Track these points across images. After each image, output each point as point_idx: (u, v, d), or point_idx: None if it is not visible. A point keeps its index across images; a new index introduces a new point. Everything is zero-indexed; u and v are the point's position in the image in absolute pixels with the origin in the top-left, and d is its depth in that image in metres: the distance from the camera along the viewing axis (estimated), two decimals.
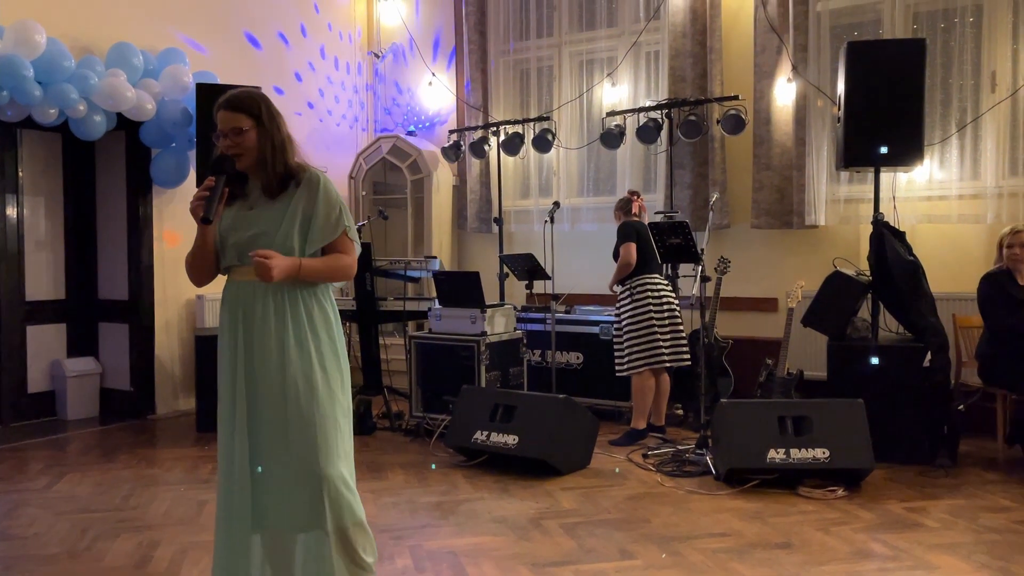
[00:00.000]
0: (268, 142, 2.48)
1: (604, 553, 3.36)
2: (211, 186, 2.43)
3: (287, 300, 2.48)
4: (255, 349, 2.48)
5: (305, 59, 7.31)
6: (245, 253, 2.47)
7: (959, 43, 5.48)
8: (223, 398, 2.53)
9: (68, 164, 6.30)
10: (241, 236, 2.49)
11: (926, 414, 4.59)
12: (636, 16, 6.62)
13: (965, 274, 5.33)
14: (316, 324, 2.51)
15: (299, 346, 2.47)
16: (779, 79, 5.93)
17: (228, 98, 2.49)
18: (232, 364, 2.50)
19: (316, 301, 2.53)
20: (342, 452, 2.50)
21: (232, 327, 2.51)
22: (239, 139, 2.46)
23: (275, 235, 2.46)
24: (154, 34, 6.05)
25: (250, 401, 2.47)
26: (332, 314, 2.58)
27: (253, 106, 2.48)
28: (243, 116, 2.46)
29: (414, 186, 7.34)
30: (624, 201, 5.41)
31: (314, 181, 2.51)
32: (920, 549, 3.36)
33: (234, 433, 2.47)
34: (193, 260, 2.56)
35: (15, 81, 4.92)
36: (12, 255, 5.97)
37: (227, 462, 2.50)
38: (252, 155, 2.49)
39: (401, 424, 5.59)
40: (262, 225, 2.48)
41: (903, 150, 4.69)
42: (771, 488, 4.14)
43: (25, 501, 4.15)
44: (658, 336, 5.06)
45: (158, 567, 3.28)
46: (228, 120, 2.46)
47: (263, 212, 2.50)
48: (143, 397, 6.19)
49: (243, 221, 2.51)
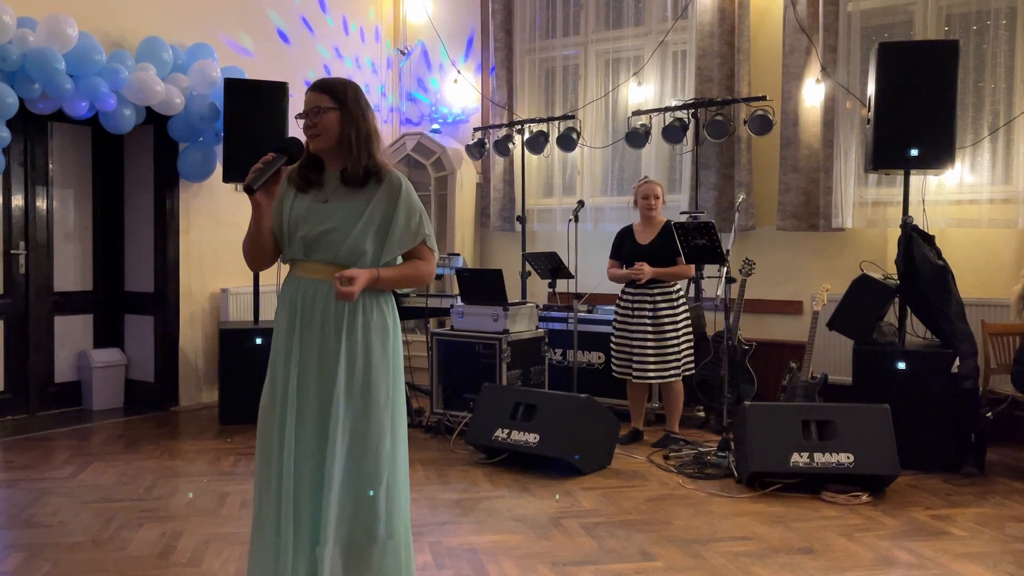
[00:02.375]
0: (352, 128, 2.40)
1: (625, 554, 3.35)
2: (268, 160, 2.36)
3: (347, 306, 2.39)
4: (308, 355, 2.40)
5: (329, 55, 7.33)
6: (313, 248, 2.41)
7: (992, 45, 5.40)
8: (272, 397, 2.43)
9: (97, 157, 6.37)
10: (312, 229, 2.40)
11: (953, 421, 4.53)
12: (663, 15, 6.59)
13: (995, 279, 5.26)
14: (371, 335, 2.42)
15: (349, 357, 2.39)
16: (807, 80, 5.87)
17: (317, 80, 2.47)
18: (286, 364, 2.42)
19: (378, 309, 2.44)
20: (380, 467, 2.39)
21: (289, 328, 2.43)
22: (317, 118, 2.39)
23: (348, 235, 2.38)
24: (184, 29, 6.10)
25: (299, 406, 2.39)
26: (392, 324, 2.48)
27: (339, 89, 2.43)
28: (326, 96, 2.40)
29: (438, 183, 7.34)
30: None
31: (395, 183, 2.43)
32: (946, 558, 3.31)
33: (280, 435, 2.39)
34: (249, 243, 2.48)
35: (47, 74, 4.98)
36: (41, 246, 6.04)
37: (268, 466, 2.42)
38: (331, 138, 2.40)
39: (422, 421, 5.60)
40: (335, 220, 2.39)
41: (934, 153, 4.63)
42: (793, 492, 4.10)
43: (50, 490, 4.20)
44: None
45: (181, 557, 3.30)
46: (311, 99, 2.41)
47: (339, 207, 2.41)
48: (167, 389, 6.24)
49: (316, 213, 2.41)
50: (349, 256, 2.39)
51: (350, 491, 2.38)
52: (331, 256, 2.41)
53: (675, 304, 5.02)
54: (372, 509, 2.38)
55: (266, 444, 2.44)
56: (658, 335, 4.97)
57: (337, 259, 2.40)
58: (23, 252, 5.91)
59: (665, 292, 5.02)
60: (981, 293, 5.27)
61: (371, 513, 2.38)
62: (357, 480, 2.38)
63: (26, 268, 5.93)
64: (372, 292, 2.44)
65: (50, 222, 6.09)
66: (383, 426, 2.42)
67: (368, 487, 2.38)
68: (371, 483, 2.38)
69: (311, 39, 7.15)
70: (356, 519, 2.38)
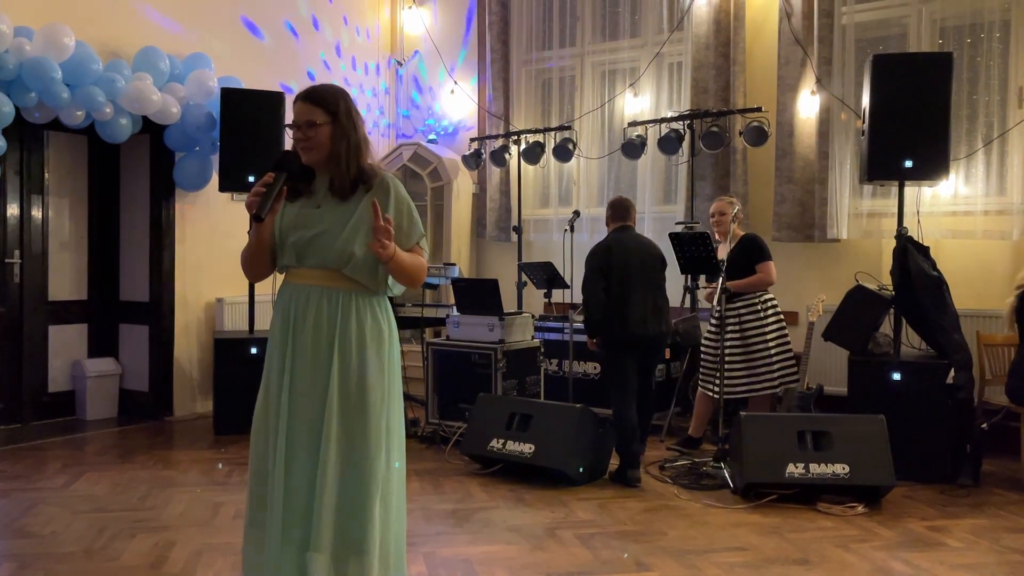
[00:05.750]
0: (343, 140, 2.38)
1: (620, 565, 3.33)
2: (269, 182, 2.33)
3: (340, 308, 2.38)
4: (300, 359, 2.38)
5: (325, 64, 7.35)
6: (304, 253, 2.40)
7: (986, 58, 5.43)
8: (266, 404, 2.42)
9: (93, 166, 6.36)
10: (303, 235, 2.38)
11: (948, 432, 4.53)
12: (659, 27, 6.62)
13: (989, 291, 5.27)
14: (366, 338, 2.39)
15: (343, 360, 2.37)
16: (803, 92, 5.90)
17: (308, 90, 2.41)
18: (280, 371, 2.41)
19: (371, 312, 2.42)
20: (374, 474, 2.36)
21: (283, 332, 2.42)
22: (311, 132, 2.36)
23: (337, 237, 2.36)
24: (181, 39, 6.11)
25: (290, 411, 2.37)
26: (387, 328, 2.46)
27: (331, 101, 2.40)
28: (319, 110, 2.37)
29: (434, 193, 7.35)
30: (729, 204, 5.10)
31: (385, 185, 2.42)
32: (941, 569, 3.30)
33: (273, 441, 2.38)
34: (248, 256, 2.47)
35: (43, 83, 4.98)
36: (36, 255, 6.03)
37: (261, 473, 2.40)
38: (323, 151, 2.39)
39: (417, 431, 5.58)
40: (325, 224, 2.38)
41: (928, 164, 4.65)
42: (789, 503, 4.09)
43: (43, 499, 4.18)
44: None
45: (173, 567, 3.28)
46: (304, 112, 2.38)
47: (329, 212, 2.39)
48: (161, 399, 6.22)
49: (307, 219, 2.39)
50: (339, 259, 2.38)
51: (343, 499, 2.35)
52: (321, 261, 2.40)
53: (761, 315, 4.99)
54: (364, 517, 2.36)
55: (259, 453, 2.43)
56: (745, 349, 4.97)
57: (327, 263, 2.39)
58: (18, 261, 5.90)
59: (749, 304, 5.00)
60: (976, 304, 5.29)
61: (363, 521, 2.35)
62: (349, 487, 2.35)
63: (21, 277, 5.92)
64: (365, 296, 2.43)
65: (45, 231, 6.08)
66: (378, 431, 2.39)
67: (360, 494, 2.35)
68: (364, 490, 2.35)
69: (308, 48, 7.16)
70: (347, 528, 2.35)
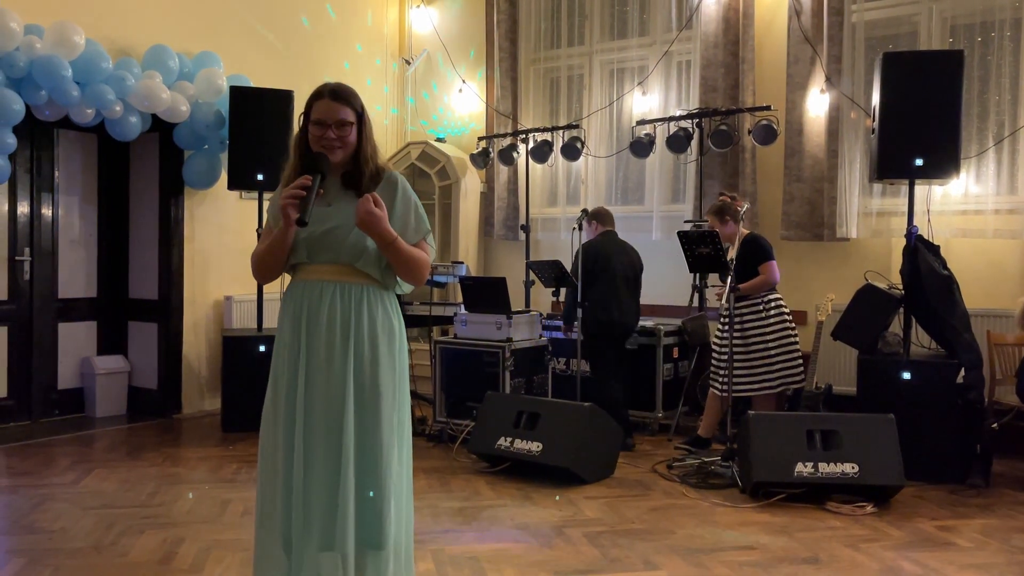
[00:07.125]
0: (368, 140, 2.42)
1: (628, 563, 3.33)
2: (307, 185, 2.29)
3: (353, 304, 2.39)
4: (315, 354, 2.37)
5: (334, 63, 7.35)
6: (317, 249, 2.40)
7: (997, 56, 5.40)
8: (275, 402, 2.42)
9: (103, 164, 6.39)
10: (315, 231, 2.37)
11: (958, 432, 4.50)
12: (668, 26, 6.60)
13: (1000, 290, 5.24)
14: (378, 333, 2.40)
15: (357, 354, 2.37)
16: (812, 90, 5.87)
17: (335, 87, 2.41)
18: (293, 367, 2.39)
19: (382, 308, 2.43)
20: (388, 469, 2.37)
21: (294, 331, 2.41)
22: (343, 132, 2.37)
23: (351, 231, 2.36)
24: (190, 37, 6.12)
25: (307, 407, 2.36)
26: (397, 324, 2.47)
27: (357, 100, 2.41)
28: (349, 110, 2.38)
29: (442, 192, 7.35)
30: (725, 205, 5.07)
31: (392, 182, 2.45)
32: (951, 569, 3.28)
33: (287, 438, 2.37)
34: (264, 257, 2.44)
35: (54, 81, 5.00)
36: (46, 253, 6.05)
37: (272, 470, 2.40)
38: (351, 149, 2.40)
39: (424, 429, 5.59)
40: (337, 220, 2.38)
41: (939, 163, 4.62)
42: (798, 503, 4.08)
43: (52, 496, 4.20)
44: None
45: (182, 563, 3.29)
46: (334, 110, 2.37)
47: (341, 208, 2.40)
48: (170, 396, 6.24)
49: (319, 216, 2.37)
50: (352, 253, 2.38)
51: (361, 493, 2.36)
52: (335, 255, 2.40)
53: (763, 315, 4.95)
54: (378, 514, 2.37)
55: (270, 449, 2.43)
56: (745, 348, 4.94)
57: (340, 258, 2.40)
58: (28, 259, 5.93)
59: (751, 305, 4.97)
60: (986, 304, 5.25)
61: (377, 518, 2.36)
62: (364, 482, 2.36)
63: (31, 275, 5.94)
64: (377, 291, 2.44)
65: (55, 229, 6.10)
66: (390, 426, 2.40)
67: (377, 488, 2.36)
68: (377, 486, 2.36)
69: (316, 47, 7.17)
70: (362, 524, 2.36)
